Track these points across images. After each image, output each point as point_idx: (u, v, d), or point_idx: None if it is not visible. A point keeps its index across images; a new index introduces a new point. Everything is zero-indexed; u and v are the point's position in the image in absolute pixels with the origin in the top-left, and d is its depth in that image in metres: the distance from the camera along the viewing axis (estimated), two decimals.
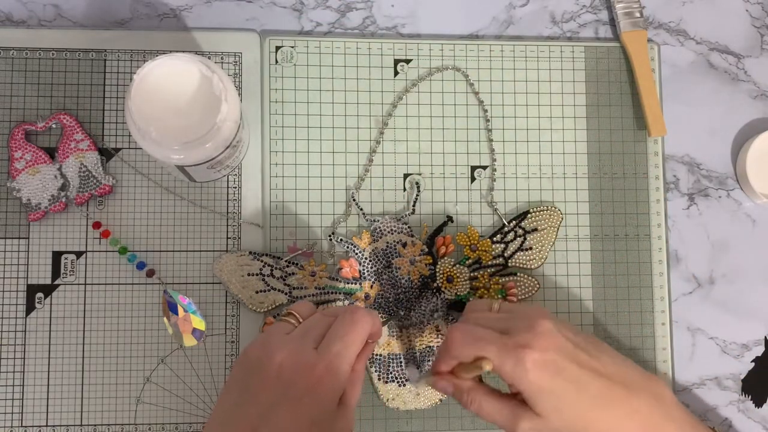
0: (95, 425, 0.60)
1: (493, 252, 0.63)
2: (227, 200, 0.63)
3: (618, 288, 0.65)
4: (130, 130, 0.53)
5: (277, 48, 0.65)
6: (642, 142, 0.66)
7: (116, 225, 0.62)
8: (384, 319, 0.62)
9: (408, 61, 0.66)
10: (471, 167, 0.65)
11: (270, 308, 0.61)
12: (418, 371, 0.61)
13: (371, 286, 0.62)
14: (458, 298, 0.62)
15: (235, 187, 0.63)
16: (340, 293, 0.62)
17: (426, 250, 0.62)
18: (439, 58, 0.66)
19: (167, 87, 0.52)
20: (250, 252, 0.61)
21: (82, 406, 0.60)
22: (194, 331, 0.60)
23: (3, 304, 0.60)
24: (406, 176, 0.64)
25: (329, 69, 0.65)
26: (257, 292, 0.61)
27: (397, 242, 0.62)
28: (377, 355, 0.61)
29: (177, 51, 0.58)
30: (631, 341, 0.64)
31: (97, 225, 0.61)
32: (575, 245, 0.65)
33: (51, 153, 0.61)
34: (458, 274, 0.62)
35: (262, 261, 0.61)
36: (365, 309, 0.55)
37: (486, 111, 0.65)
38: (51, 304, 0.61)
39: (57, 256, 0.61)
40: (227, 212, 0.63)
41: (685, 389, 0.64)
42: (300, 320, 0.51)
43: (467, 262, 0.63)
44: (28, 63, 0.63)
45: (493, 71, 0.66)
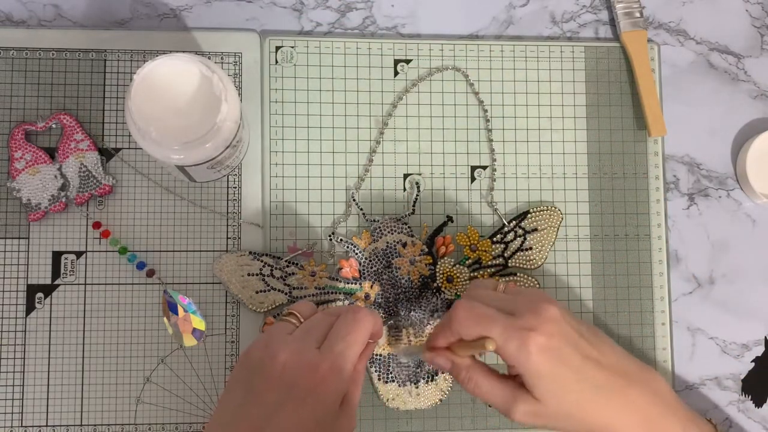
0: (95, 425, 0.60)
1: (493, 252, 0.63)
2: (227, 200, 0.63)
3: (618, 288, 0.65)
4: (130, 130, 0.53)
5: (277, 48, 0.65)
6: (642, 142, 0.66)
7: (116, 225, 0.62)
8: (384, 319, 0.62)
9: (408, 61, 0.66)
10: (471, 167, 0.65)
11: (270, 308, 0.61)
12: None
13: (371, 286, 0.62)
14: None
15: (235, 187, 0.63)
16: (340, 293, 0.61)
17: (426, 250, 0.62)
18: (439, 58, 0.66)
19: (167, 87, 0.52)
20: (250, 252, 0.61)
21: (82, 406, 0.60)
22: (194, 331, 0.60)
23: (3, 304, 0.60)
24: (406, 176, 0.64)
25: (329, 69, 0.65)
26: (257, 292, 0.61)
27: (397, 242, 0.62)
28: (377, 355, 0.61)
29: (177, 51, 0.58)
30: (631, 341, 0.64)
31: (97, 225, 0.61)
32: (575, 245, 0.65)
33: (51, 153, 0.61)
34: (458, 274, 0.62)
35: (262, 261, 0.61)
36: (367, 309, 0.55)
37: (486, 111, 0.65)
38: (51, 304, 0.61)
39: (57, 256, 0.61)
40: (227, 212, 0.63)
41: (685, 389, 0.64)
42: (301, 320, 0.51)
43: (467, 262, 0.63)
44: (28, 63, 0.63)
45: (493, 71, 0.66)
